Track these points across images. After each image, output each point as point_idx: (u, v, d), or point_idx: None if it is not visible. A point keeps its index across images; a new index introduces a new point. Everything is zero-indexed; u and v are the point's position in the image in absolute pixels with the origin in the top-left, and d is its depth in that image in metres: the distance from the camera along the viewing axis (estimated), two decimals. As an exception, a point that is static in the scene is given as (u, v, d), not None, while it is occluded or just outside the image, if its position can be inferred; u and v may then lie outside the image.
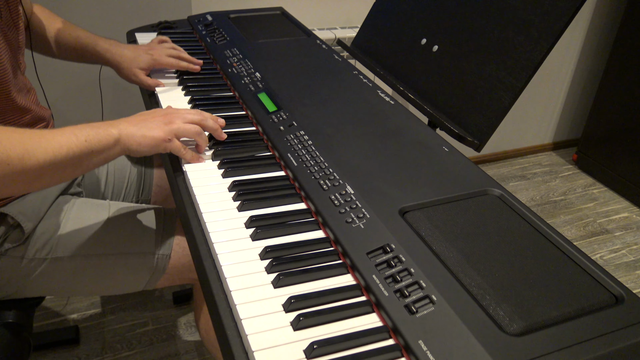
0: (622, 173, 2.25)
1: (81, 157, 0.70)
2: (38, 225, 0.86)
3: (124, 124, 0.76)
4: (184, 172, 0.79)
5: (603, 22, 2.32)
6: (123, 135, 0.74)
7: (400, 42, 1.08)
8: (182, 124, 0.79)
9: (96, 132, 0.72)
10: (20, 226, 0.84)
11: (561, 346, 0.50)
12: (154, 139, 0.76)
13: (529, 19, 0.84)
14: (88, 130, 0.71)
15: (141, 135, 0.75)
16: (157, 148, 0.77)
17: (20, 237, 0.84)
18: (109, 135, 0.73)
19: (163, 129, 0.77)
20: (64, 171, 0.70)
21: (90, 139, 0.71)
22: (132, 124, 0.76)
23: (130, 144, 0.75)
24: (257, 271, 0.61)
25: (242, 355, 0.52)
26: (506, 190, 0.72)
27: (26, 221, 0.84)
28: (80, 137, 0.70)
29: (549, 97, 2.43)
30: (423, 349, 0.50)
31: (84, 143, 0.70)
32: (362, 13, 1.59)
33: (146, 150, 0.77)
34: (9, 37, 0.85)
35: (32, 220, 0.85)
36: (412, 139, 0.84)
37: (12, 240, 0.84)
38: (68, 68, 1.51)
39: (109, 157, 0.74)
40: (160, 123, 0.78)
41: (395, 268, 0.58)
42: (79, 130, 0.71)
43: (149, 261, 0.91)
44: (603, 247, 1.98)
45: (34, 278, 0.87)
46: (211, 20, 1.31)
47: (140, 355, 1.42)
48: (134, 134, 0.75)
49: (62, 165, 0.68)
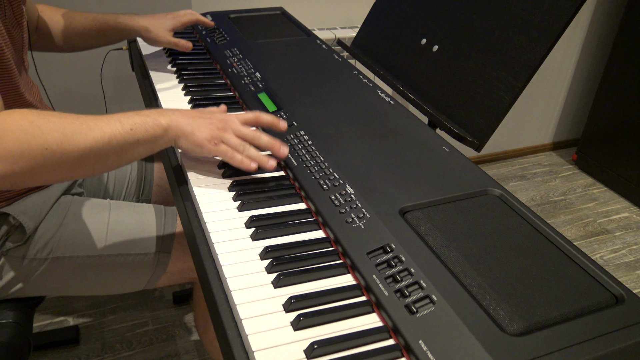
0: (622, 173, 2.25)
1: (126, 146, 0.68)
2: (39, 225, 0.86)
3: (177, 114, 0.73)
4: (185, 173, 0.79)
5: (603, 22, 2.32)
6: (173, 126, 0.71)
7: (400, 42, 1.08)
8: (233, 135, 0.75)
9: (143, 121, 0.69)
10: (22, 226, 0.84)
11: (561, 346, 0.50)
12: (200, 139, 0.73)
13: (529, 19, 0.84)
14: (135, 118, 0.69)
15: (190, 132, 0.72)
16: (202, 149, 0.74)
17: (21, 237, 0.84)
18: (157, 124, 0.70)
19: (213, 133, 0.73)
20: (107, 159, 0.67)
21: (136, 128, 0.68)
22: (185, 116, 0.73)
23: (178, 136, 0.72)
24: (257, 271, 0.61)
25: (242, 355, 0.52)
26: (506, 190, 0.72)
27: (28, 221, 0.84)
28: (125, 125, 0.67)
29: (549, 97, 2.43)
30: (423, 349, 0.50)
31: (129, 132, 0.67)
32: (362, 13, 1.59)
33: (191, 147, 0.73)
34: (13, 35, 0.85)
35: (33, 220, 0.85)
36: (412, 139, 0.84)
37: (14, 240, 0.84)
38: (68, 68, 1.51)
39: (155, 147, 0.72)
40: (212, 126, 0.74)
41: (395, 268, 0.58)
42: (126, 117, 0.68)
43: (150, 260, 0.92)
44: (603, 247, 1.98)
45: (35, 278, 0.87)
46: (211, 20, 1.31)
47: (140, 355, 1.42)
48: (184, 128, 0.72)
49: (105, 153, 0.66)
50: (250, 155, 0.75)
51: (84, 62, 1.50)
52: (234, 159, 0.74)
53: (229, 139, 0.74)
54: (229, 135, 0.74)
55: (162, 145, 0.72)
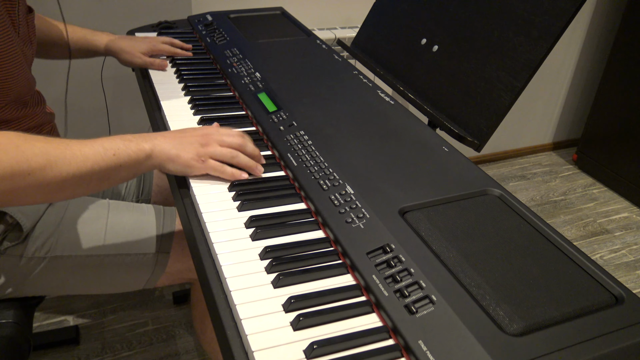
0: (622, 173, 2.25)
1: (108, 171, 0.67)
2: (37, 224, 0.86)
3: (159, 139, 0.72)
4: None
5: (603, 22, 2.32)
6: (156, 151, 0.71)
7: (400, 42, 1.08)
8: (217, 147, 0.75)
9: (126, 146, 0.69)
10: (19, 225, 0.84)
11: (561, 346, 0.50)
12: (187, 160, 0.73)
13: (529, 19, 0.84)
14: (118, 143, 0.68)
15: (175, 155, 0.72)
16: (191, 170, 0.74)
17: (19, 235, 0.84)
18: (140, 150, 0.70)
19: (198, 151, 0.74)
20: (89, 184, 0.67)
21: (119, 153, 0.68)
22: (168, 139, 0.73)
23: (163, 160, 0.72)
24: (257, 271, 0.61)
25: (242, 355, 0.52)
26: (506, 190, 0.72)
27: (25, 220, 0.84)
28: (108, 151, 0.67)
29: (549, 97, 2.43)
30: (423, 349, 0.50)
31: (111, 157, 0.67)
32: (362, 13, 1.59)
33: (180, 169, 0.74)
34: (25, 53, 0.86)
35: (31, 219, 0.85)
36: (412, 139, 0.84)
37: (11, 239, 0.84)
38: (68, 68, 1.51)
39: (138, 171, 0.71)
40: (196, 144, 0.74)
41: (395, 268, 0.58)
42: (109, 142, 0.68)
43: (149, 260, 0.91)
44: (603, 247, 1.98)
45: (34, 277, 0.87)
46: (211, 20, 1.31)
47: (140, 355, 1.42)
48: (169, 152, 0.72)
49: (87, 178, 0.66)
50: (240, 162, 0.76)
51: (84, 62, 1.50)
52: (224, 173, 0.75)
53: (215, 151, 0.75)
54: (213, 148, 0.75)
55: (145, 169, 0.72)
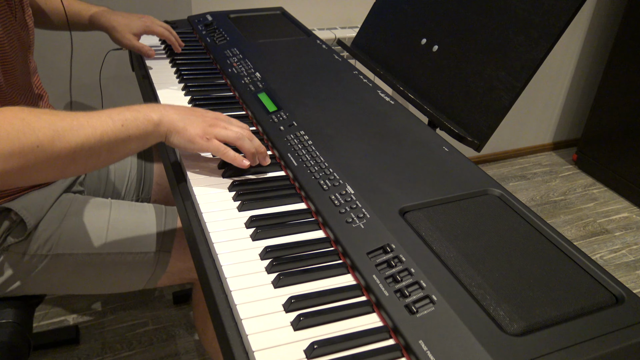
0: (622, 173, 2.25)
1: (117, 142, 0.67)
2: (40, 221, 0.87)
3: (168, 109, 0.72)
4: (185, 173, 0.79)
5: (603, 22, 2.32)
6: (165, 121, 0.71)
7: (400, 42, 1.08)
8: (223, 128, 0.75)
9: (135, 117, 0.68)
10: (23, 222, 0.84)
11: (561, 346, 0.50)
12: (192, 135, 0.72)
13: (529, 19, 0.84)
14: (126, 114, 0.68)
15: (182, 127, 0.72)
16: (194, 145, 0.73)
17: (22, 232, 0.85)
18: (148, 120, 0.69)
19: (205, 129, 0.73)
20: (99, 156, 0.67)
21: (127, 124, 0.67)
22: (177, 112, 0.73)
23: (170, 131, 0.72)
24: (257, 271, 0.61)
25: (242, 355, 0.52)
26: (506, 190, 0.72)
27: (29, 217, 0.84)
28: (117, 122, 0.67)
29: (549, 97, 2.43)
30: (423, 349, 0.50)
31: (120, 128, 0.67)
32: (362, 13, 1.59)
33: (183, 143, 0.73)
34: (21, 37, 0.86)
35: (34, 216, 0.85)
36: (412, 139, 0.84)
37: (15, 236, 0.84)
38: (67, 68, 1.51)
39: (147, 143, 0.71)
40: (203, 122, 0.74)
41: (395, 268, 0.58)
42: (117, 114, 0.67)
43: (150, 259, 0.92)
44: (603, 247, 1.98)
45: (35, 275, 0.87)
46: (211, 20, 1.31)
47: (140, 355, 1.42)
48: (176, 124, 0.72)
49: (97, 149, 0.65)
50: (244, 145, 0.75)
51: (84, 62, 1.50)
52: (226, 154, 0.74)
53: (220, 132, 0.74)
54: (219, 129, 0.74)
55: (153, 140, 0.72)
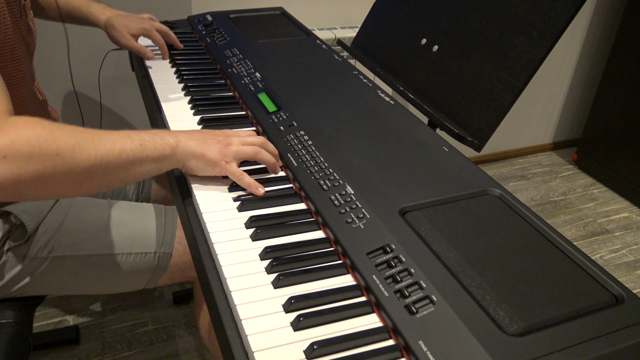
0: (622, 173, 2.25)
1: (134, 161, 0.67)
2: (40, 224, 0.87)
3: (183, 135, 0.73)
4: (185, 174, 0.79)
5: (603, 22, 2.32)
6: (181, 147, 0.71)
7: (400, 42, 1.08)
8: (240, 145, 0.75)
9: (152, 138, 0.69)
10: (23, 225, 0.84)
11: (561, 346, 0.50)
12: (211, 159, 0.73)
13: (529, 19, 0.84)
14: (144, 135, 0.68)
15: (200, 152, 0.72)
16: (214, 169, 0.74)
17: (22, 235, 0.85)
18: (165, 143, 0.70)
19: (222, 151, 0.73)
20: (115, 174, 0.66)
21: (145, 144, 0.68)
22: (192, 138, 0.73)
23: (187, 158, 0.72)
24: (257, 271, 0.61)
25: (242, 355, 0.52)
26: (506, 190, 0.72)
27: (29, 220, 0.84)
28: (135, 141, 0.67)
29: (549, 97, 2.43)
30: (423, 349, 0.50)
31: (138, 147, 0.67)
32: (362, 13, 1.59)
33: (202, 168, 0.73)
34: (27, 41, 0.86)
35: (34, 219, 0.85)
36: (412, 139, 0.84)
37: (15, 239, 0.84)
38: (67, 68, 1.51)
39: (162, 167, 0.71)
40: (219, 144, 0.74)
41: (395, 268, 0.58)
42: (135, 134, 0.68)
43: (150, 260, 0.92)
44: (603, 247, 1.98)
45: (36, 277, 0.87)
46: (211, 20, 1.31)
47: (140, 355, 1.42)
48: (193, 150, 0.72)
49: (113, 166, 0.65)
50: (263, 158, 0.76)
51: (84, 62, 1.50)
52: (242, 180, 0.74)
53: (238, 150, 0.75)
54: (236, 147, 0.75)
55: (169, 165, 0.72)
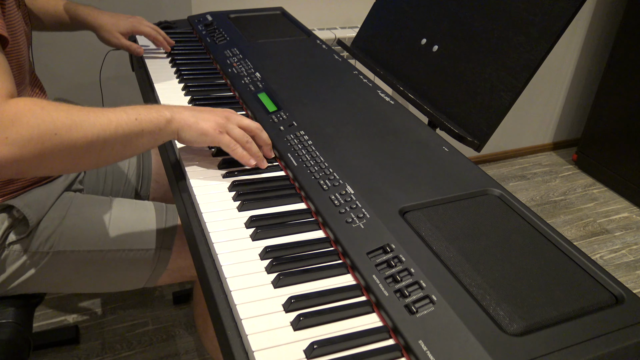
0: (622, 173, 2.25)
1: (131, 135, 0.70)
2: (42, 219, 0.87)
3: (179, 108, 0.76)
4: (185, 173, 0.79)
5: (603, 22, 2.32)
6: (176, 118, 0.74)
7: (400, 42, 1.08)
8: (234, 124, 0.78)
9: (148, 112, 0.72)
10: (26, 219, 0.84)
11: (561, 346, 0.50)
12: (205, 128, 0.75)
13: (529, 19, 0.84)
14: (139, 110, 0.71)
15: (194, 122, 0.75)
16: (206, 137, 0.76)
17: (24, 229, 0.85)
18: (160, 115, 0.72)
19: (217, 122, 0.76)
20: (113, 148, 0.69)
21: (141, 118, 0.70)
22: (187, 110, 0.76)
23: (182, 127, 0.74)
24: (257, 271, 0.61)
25: (242, 355, 0.52)
26: (506, 190, 0.72)
27: (31, 214, 0.85)
28: (131, 115, 0.70)
29: (549, 97, 2.43)
30: (423, 349, 0.50)
31: (134, 121, 0.70)
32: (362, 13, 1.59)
33: (195, 137, 0.75)
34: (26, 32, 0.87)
35: (36, 214, 0.86)
36: (412, 139, 0.84)
37: (17, 233, 0.85)
38: (67, 68, 1.51)
39: (159, 138, 0.74)
40: (215, 116, 0.77)
41: (395, 268, 0.58)
42: (131, 109, 0.71)
43: (151, 257, 0.92)
44: (603, 247, 1.98)
45: (37, 272, 0.87)
46: (211, 20, 1.31)
47: (140, 355, 1.42)
48: (187, 119, 0.75)
49: (111, 141, 0.68)
50: (251, 149, 0.78)
51: (83, 61, 1.50)
52: (235, 151, 0.76)
53: (233, 129, 0.77)
54: (232, 125, 0.77)
55: (165, 137, 0.74)
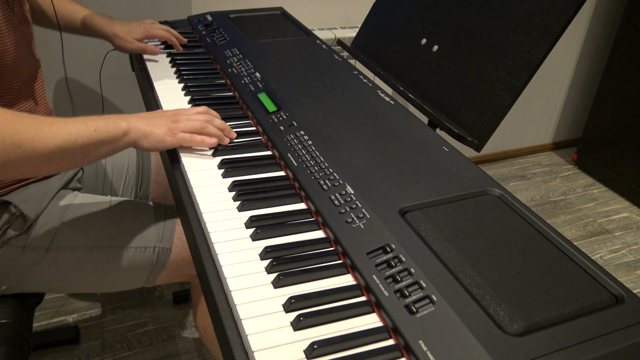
0: (622, 173, 2.25)
1: (89, 146, 0.73)
2: (40, 215, 0.87)
3: (134, 118, 0.80)
4: (184, 172, 0.79)
5: (603, 22, 2.32)
6: (132, 129, 0.78)
7: (400, 42, 1.08)
8: (186, 121, 0.82)
9: (106, 123, 0.75)
10: (23, 215, 0.84)
11: (561, 346, 0.50)
12: (159, 135, 0.80)
13: (529, 19, 0.84)
14: (98, 121, 0.75)
15: (149, 131, 0.79)
16: (164, 144, 0.80)
17: (22, 225, 0.85)
18: (117, 127, 0.76)
19: (169, 127, 0.81)
20: (72, 158, 0.72)
21: (99, 130, 0.74)
22: (142, 119, 0.80)
23: (139, 137, 0.79)
24: (257, 271, 0.61)
25: (242, 355, 0.52)
26: (506, 190, 0.72)
27: (29, 210, 0.85)
28: (90, 127, 0.73)
29: (549, 97, 2.43)
30: (423, 349, 0.50)
31: (93, 133, 0.73)
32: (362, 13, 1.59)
33: (152, 144, 0.80)
34: (22, 31, 0.87)
35: (34, 209, 0.86)
36: (412, 139, 0.84)
37: (15, 228, 0.85)
38: (67, 67, 1.51)
39: (116, 148, 0.77)
40: (167, 121, 0.82)
41: (395, 268, 0.58)
42: (90, 120, 0.74)
43: (149, 255, 0.92)
44: (603, 247, 1.98)
45: (35, 270, 0.87)
46: (211, 20, 1.31)
47: (140, 355, 1.42)
48: (142, 129, 0.79)
49: (71, 152, 0.71)
50: (210, 132, 0.83)
51: (83, 61, 1.50)
52: (193, 141, 0.82)
53: (185, 125, 0.82)
54: (183, 122, 0.82)
55: (123, 146, 0.78)
